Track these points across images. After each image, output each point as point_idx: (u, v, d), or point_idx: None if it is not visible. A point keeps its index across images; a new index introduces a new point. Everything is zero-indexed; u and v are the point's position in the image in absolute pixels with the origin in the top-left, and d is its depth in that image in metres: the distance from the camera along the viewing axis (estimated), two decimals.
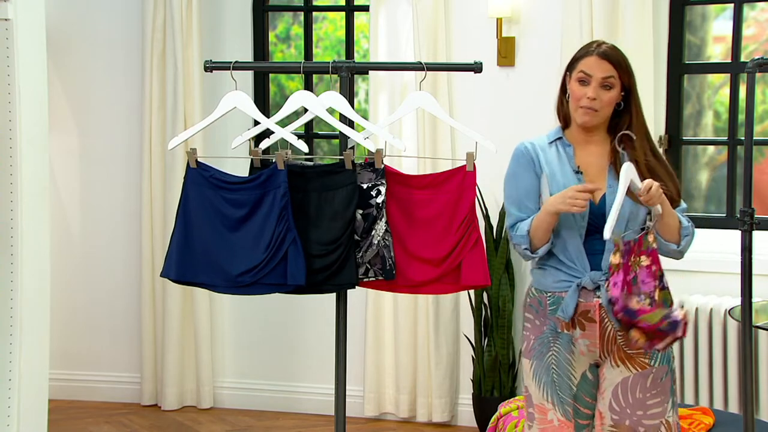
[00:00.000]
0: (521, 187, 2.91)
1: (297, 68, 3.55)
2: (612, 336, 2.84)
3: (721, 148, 4.80)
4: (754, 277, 3.15)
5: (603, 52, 2.85)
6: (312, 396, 5.22)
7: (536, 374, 2.88)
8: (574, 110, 2.89)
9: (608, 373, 2.86)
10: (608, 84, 2.84)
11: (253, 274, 3.24)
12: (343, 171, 3.25)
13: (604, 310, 2.82)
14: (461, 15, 4.91)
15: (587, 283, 2.83)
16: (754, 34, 4.84)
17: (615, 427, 2.86)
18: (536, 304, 2.91)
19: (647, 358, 2.85)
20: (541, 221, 2.83)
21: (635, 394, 2.84)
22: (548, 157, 2.90)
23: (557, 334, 2.86)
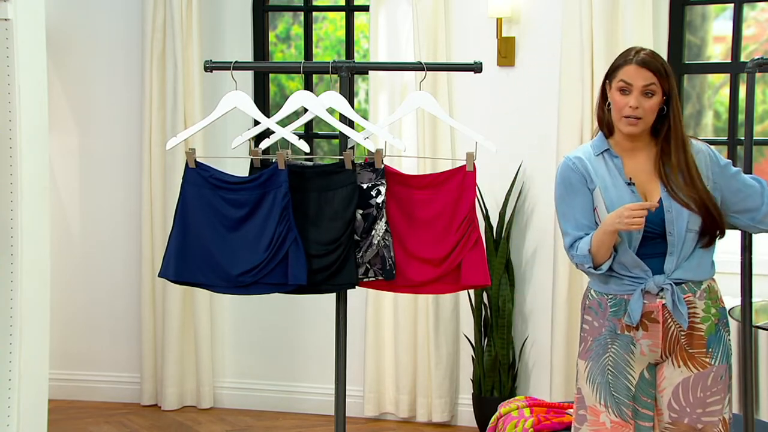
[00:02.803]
0: (575, 205, 2.88)
1: (297, 68, 3.55)
2: (675, 336, 2.84)
3: (721, 148, 4.80)
4: (754, 276, 3.15)
5: (642, 60, 2.82)
6: (312, 396, 5.21)
7: (591, 375, 2.87)
8: (618, 120, 2.86)
9: (668, 373, 2.87)
10: (650, 91, 2.82)
11: (254, 274, 3.24)
12: (343, 171, 3.25)
13: (667, 310, 2.83)
14: (461, 15, 4.90)
15: (651, 288, 2.83)
16: (754, 34, 4.84)
17: (673, 425, 2.87)
18: (596, 305, 2.89)
19: (708, 357, 2.86)
20: (602, 241, 2.80)
21: (696, 394, 2.86)
22: (598, 170, 2.88)
23: (616, 335, 2.86)
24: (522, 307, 4.93)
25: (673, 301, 2.81)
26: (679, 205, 2.82)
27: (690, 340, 2.85)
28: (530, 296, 4.91)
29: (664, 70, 2.83)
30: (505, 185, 4.82)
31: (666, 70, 2.84)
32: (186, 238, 3.27)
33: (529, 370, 4.94)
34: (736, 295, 3.32)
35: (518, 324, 4.92)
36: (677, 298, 2.81)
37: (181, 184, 3.29)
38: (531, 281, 4.90)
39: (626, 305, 2.83)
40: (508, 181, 4.82)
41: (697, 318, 2.85)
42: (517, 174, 4.83)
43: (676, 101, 2.87)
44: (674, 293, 2.81)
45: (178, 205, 3.29)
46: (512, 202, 4.84)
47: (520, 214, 4.89)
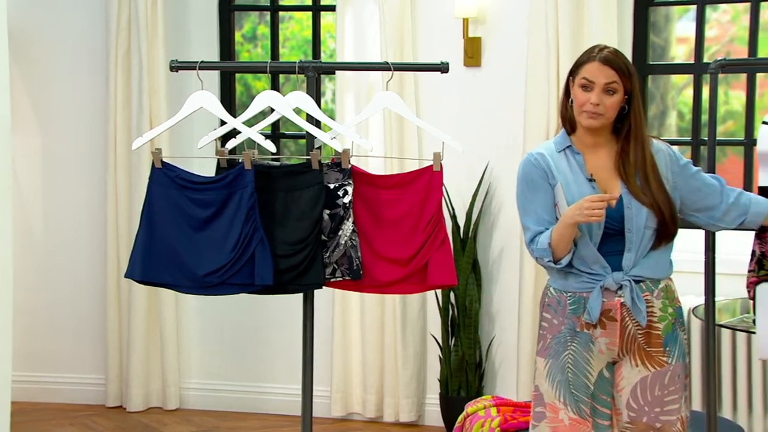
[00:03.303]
0: (536, 200, 2.89)
1: (263, 68, 3.54)
2: (632, 335, 2.86)
3: (685, 148, 4.84)
4: (717, 276, 3.18)
5: (605, 57, 2.84)
6: (279, 396, 5.20)
7: (551, 373, 2.88)
8: (578, 114, 2.88)
9: (626, 372, 2.88)
10: (611, 89, 2.84)
11: (220, 275, 3.23)
12: (310, 171, 3.25)
13: (625, 309, 2.85)
14: (428, 15, 4.91)
15: (610, 285, 2.84)
16: (717, 35, 4.89)
17: (632, 424, 2.89)
18: (555, 303, 2.90)
19: (665, 356, 2.88)
20: (561, 234, 2.82)
21: (654, 392, 2.88)
22: (560, 166, 2.89)
23: (575, 333, 2.87)
24: (489, 306, 4.94)
25: (632, 298, 2.83)
26: (638, 202, 2.85)
27: (647, 339, 2.87)
28: (497, 296, 4.93)
29: (627, 69, 2.85)
30: (472, 185, 4.84)
31: (628, 69, 2.86)
32: (152, 238, 3.26)
33: (495, 369, 4.96)
34: (699, 294, 3.36)
35: (485, 324, 4.94)
36: (636, 295, 2.83)
37: (148, 184, 3.27)
38: (498, 281, 4.92)
39: (585, 303, 2.84)
40: (475, 181, 4.84)
41: (655, 317, 2.87)
42: (484, 174, 4.84)
43: (638, 100, 2.89)
44: (633, 290, 2.83)
45: (144, 206, 3.27)
46: (479, 202, 4.86)
47: (486, 214, 4.91)
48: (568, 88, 2.92)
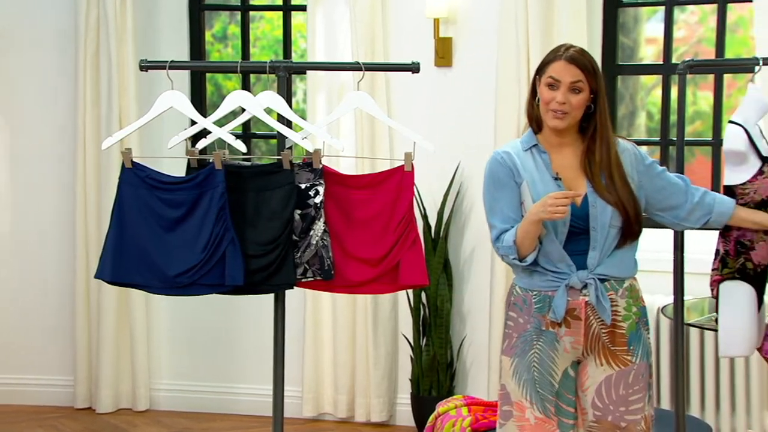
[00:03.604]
0: (502, 198, 2.89)
1: (234, 68, 3.53)
2: (597, 334, 2.88)
3: (654, 149, 4.88)
4: (686, 275, 3.21)
5: (570, 56, 2.86)
6: (250, 397, 5.19)
7: (517, 372, 2.89)
8: (545, 113, 2.89)
9: (591, 371, 2.90)
10: (577, 88, 2.85)
11: (191, 275, 3.23)
12: (281, 171, 3.25)
13: (590, 307, 2.86)
14: (399, 15, 4.92)
15: (575, 283, 2.85)
16: (685, 36, 4.93)
17: (597, 423, 2.90)
18: (521, 302, 2.91)
19: (629, 355, 2.89)
20: (526, 231, 2.82)
21: (618, 391, 2.89)
22: (526, 164, 2.90)
23: (541, 332, 2.88)
24: (460, 306, 4.96)
25: (597, 296, 2.84)
26: (603, 201, 2.87)
27: (612, 338, 2.88)
28: (468, 296, 4.94)
29: (592, 68, 2.87)
30: (444, 185, 4.85)
31: (594, 68, 2.87)
32: (122, 238, 3.24)
33: (466, 369, 4.97)
34: (668, 293, 3.38)
35: (456, 323, 4.95)
36: (601, 294, 2.85)
37: (118, 184, 3.26)
38: (469, 281, 4.93)
39: (551, 301, 2.86)
40: (447, 181, 4.85)
41: (619, 316, 2.89)
42: (455, 174, 4.86)
43: (603, 100, 2.91)
44: (598, 288, 2.85)
45: (114, 206, 3.26)
46: (450, 202, 4.87)
47: (458, 214, 4.92)
48: (535, 87, 2.94)
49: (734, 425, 4.44)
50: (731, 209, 3.00)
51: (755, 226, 3.02)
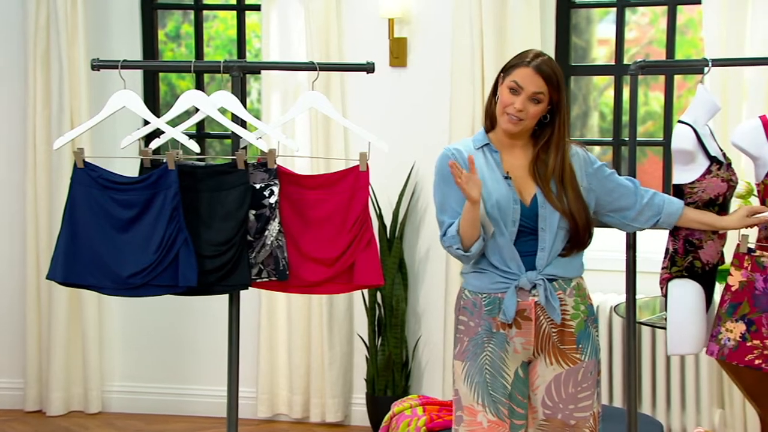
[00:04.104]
0: (451, 195, 2.89)
1: (187, 67, 3.51)
2: (547, 333, 2.89)
3: (607, 149, 4.93)
4: (638, 274, 3.25)
5: (538, 65, 2.85)
6: (204, 398, 5.16)
7: (469, 375, 2.89)
8: (500, 114, 2.90)
9: (541, 371, 2.92)
10: (537, 99, 2.86)
11: (144, 276, 3.21)
12: (236, 171, 3.23)
13: (539, 308, 2.87)
14: (353, 15, 4.92)
15: (524, 284, 2.86)
16: (636, 37, 4.98)
17: (547, 422, 2.92)
18: (471, 305, 2.91)
19: (578, 353, 2.92)
20: (464, 217, 2.82)
21: (567, 389, 2.91)
22: (477, 162, 2.89)
23: (491, 334, 2.88)
24: (415, 306, 4.97)
25: (546, 296, 2.86)
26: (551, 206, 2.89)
27: (561, 337, 2.90)
28: (423, 296, 4.95)
29: (557, 82, 2.86)
30: (399, 185, 4.86)
31: (558, 82, 2.87)
32: (74, 239, 3.21)
33: (422, 369, 4.98)
34: (621, 292, 3.42)
35: (411, 323, 4.96)
36: (550, 293, 2.87)
37: (70, 185, 3.23)
38: (424, 281, 4.95)
39: (500, 303, 2.87)
40: (402, 180, 4.86)
41: (568, 315, 2.91)
42: (410, 174, 4.87)
43: (564, 113, 2.91)
44: (547, 288, 2.86)
45: (66, 206, 3.23)
46: (405, 201, 4.88)
47: (413, 214, 4.93)
48: (497, 85, 2.94)
49: (684, 422, 4.51)
50: (680, 210, 3.03)
51: (703, 227, 3.06)
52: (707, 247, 3.10)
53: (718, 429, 4.46)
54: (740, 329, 3.00)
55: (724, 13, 4.32)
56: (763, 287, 2.99)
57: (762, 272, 2.99)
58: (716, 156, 3.07)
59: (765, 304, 2.98)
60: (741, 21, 4.31)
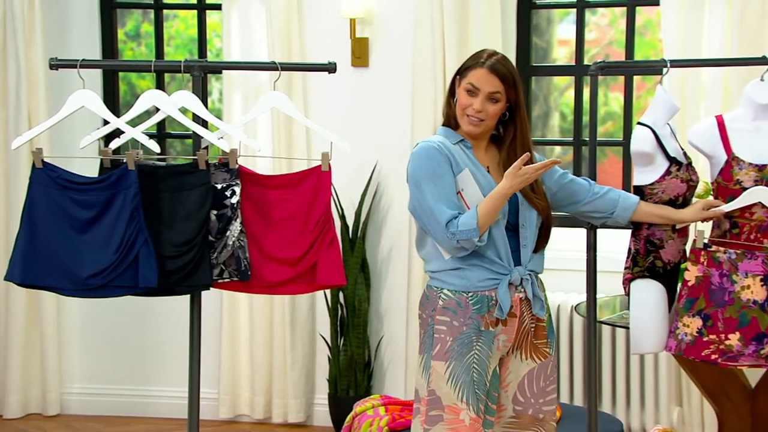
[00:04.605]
0: (445, 184, 2.86)
1: (148, 67, 3.49)
2: (527, 329, 2.93)
3: (567, 149, 4.96)
4: (599, 273, 3.27)
5: (492, 65, 2.87)
6: (165, 400, 5.13)
7: (453, 375, 2.86)
8: (460, 116, 2.92)
9: (514, 366, 2.94)
10: (495, 98, 2.87)
11: (103, 276, 3.19)
12: (197, 171, 3.22)
13: (524, 304, 2.90)
14: (315, 15, 4.91)
15: (515, 279, 2.88)
16: (596, 38, 5.02)
17: (517, 418, 2.95)
18: (454, 305, 2.88)
19: (547, 347, 2.96)
20: (494, 208, 2.80)
21: (539, 384, 2.95)
22: (460, 156, 2.90)
23: (480, 332, 2.87)
24: (378, 306, 4.97)
25: (533, 291, 2.91)
26: (528, 203, 2.92)
27: (536, 332, 2.95)
28: (386, 295, 4.96)
29: (513, 80, 2.89)
30: (361, 185, 4.86)
31: (514, 80, 2.89)
32: (33, 239, 3.19)
33: (384, 368, 4.99)
34: (581, 291, 3.44)
35: (374, 323, 4.97)
36: (535, 288, 2.92)
37: (28, 185, 3.21)
38: (386, 280, 4.95)
39: (488, 301, 2.87)
40: (364, 180, 4.86)
41: (543, 309, 2.96)
42: (373, 173, 4.87)
43: (522, 111, 2.93)
44: (533, 283, 2.91)
45: (24, 206, 3.20)
46: (368, 201, 4.88)
47: (375, 214, 4.93)
48: (454, 87, 2.96)
49: (644, 420, 4.55)
50: (636, 204, 3.08)
51: (660, 220, 3.10)
52: (668, 247, 3.14)
53: (677, 427, 4.51)
54: (697, 324, 3.04)
55: (682, 15, 4.37)
56: (719, 282, 3.03)
57: (718, 267, 3.03)
58: (676, 157, 3.10)
59: (721, 299, 3.02)
60: (698, 22, 4.36)
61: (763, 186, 3.03)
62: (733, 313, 3.01)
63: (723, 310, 3.01)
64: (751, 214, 3.05)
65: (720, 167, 3.10)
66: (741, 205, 3.04)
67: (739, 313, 3.00)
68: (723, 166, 3.08)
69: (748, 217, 3.06)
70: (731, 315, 3.01)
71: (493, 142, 3.00)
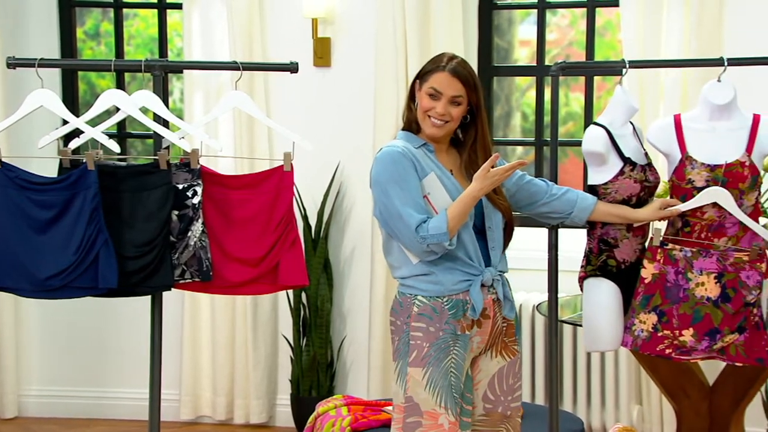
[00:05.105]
0: (412, 188, 2.86)
1: (108, 66, 3.46)
2: (499, 329, 2.95)
3: (529, 149, 4.99)
4: (560, 273, 3.29)
5: (453, 69, 2.88)
6: (125, 401, 5.10)
7: (432, 381, 2.86)
8: (422, 120, 2.92)
9: (484, 365, 2.96)
10: (457, 101, 2.89)
11: (63, 278, 3.17)
12: (158, 171, 3.20)
13: (497, 305, 2.92)
14: (276, 15, 4.90)
15: (487, 280, 2.89)
16: (556, 38, 5.06)
17: (486, 416, 2.97)
18: (430, 311, 2.87)
19: (516, 344, 2.99)
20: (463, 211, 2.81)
21: (508, 381, 2.97)
22: (424, 159, 2.91)
23: (456, 336, 2.87)
24: (340, 306, 4.97)
25: (504, 292, 2.93)
26: (492, 205, 2.93)
27: (507, 331, 2.97)
28: (348, 296, 4.96)
29: (473, 82, 2.91)
30: (324, 185, 4.86)
31: (475, 82, 2.92)
32: None
33: (347, 369, 4.98)
34: (543, 291, 3.46)
35: (336, 323, 4.96)
36: (507, 290, 2.95)
37: None
38: (349, 281, 4.95)
39: (463, 305, 2.88)
40: (327, 180, 4.85)
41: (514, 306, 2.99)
42: (335, 174, 4.87)
43: (483, 113, 2.96)
44: (504, 284, 2.94)
45: None
46: (330, 201, 4.88)
47: (338, 214, 4.93)
48: (414, 91, 2.96)
49: (604, 419, 4.58)
50: (593, 204, 3.11)
51: (618, 220, 3.13)
52: (623, 246, 3.17)
53: (636, 425, 4.55)
54: (652, 320, 3.08)
55: (641, 16, 4.41)
56: (675, 279, 3.07)
57: (674, 265, 3.07)
58: (630, 157, 3.12)
59: (676, 296, 3.07)
60: (657, 24, 4.41)
61: (717, 186, 3.07)
62: (687, 310, 3.05)
63: (678, 307, 3.06)
64: (702, 213, 3.09)
65: (675, 166, 3.13)
66: (697, 205, 3.08)
67: (693, 310, 3.05)
68: (677, 165, 3.12)
69: (699, 216, 3.10)
70: (685, 311, 3.06)
71: (453, 145, 3.01)
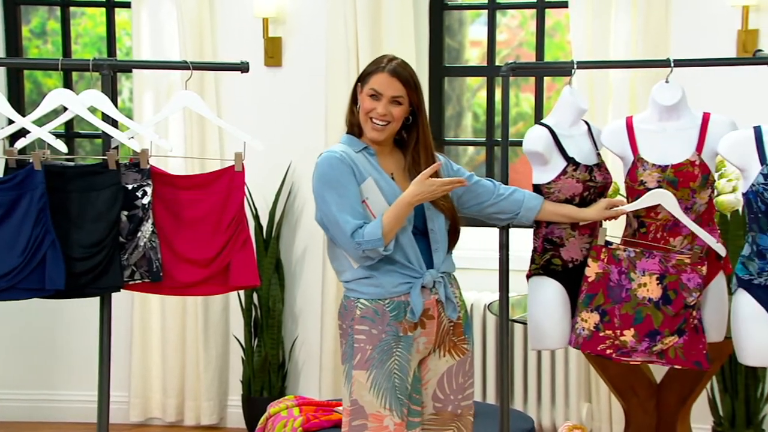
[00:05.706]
0: (349, 194, 2.86)
1: (55, 65, 3.42)
2: (446, 329, 2.95)
3: (480, 149, 5.02)
4: (511, 272, 3.32)
5: (393, 69, 2.90)
6: (74, 404, 5.04)
7: (375, 383, 2.86)
8: (364, 122, 2.93)
9: (433, 364, 2.96)
10: (398, 101, 2.91)
11: (9, 279, 3.13)
12: (106, 171, 3.18)
13: (441, 305, 2.92)
14: (227, 14, 4.87)
15: (428, 282, 2.90)
16: (507, 39, 5.09)
17: (437, 415, 2.98)
18: (372, 314, 2.88)
19: (466, 343, 3.00)
20: (398, 217, 2.81)
21: (458, 380, 2.98)
22: (363, 164, 2.92)
23: (399, 338, 2.88)
24: (292, 306, 4.96)
25: (446, 294, 2.93)
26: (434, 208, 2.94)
27: (455, 330, 2.98)
28: (300, 296, 4.95)
29: (413, 83, 2.93)
30: (275, 185, 4.84)
31: (415, 83, 2.94)
32: None
33: (298, 369, 4.97)
34: (494, 290, 3.48)
35: (288, 324, 4.95)
36: (448, 290, 2.94)
37: None
38: (301, 281, 4.94)
39: (405, 307, 2.89)
40: (278, 180, 4.84)
41: (458, 307, 2.99)
42: (287, 174, 4.85)
43: (424, 114, 2.98)
44: (446, 286, 2.94)
45: None
46: (282, 201, 4.86)
47: (290, 214, 4.92)
48: (356, 94, 2.97)
49: (554, 417, 4.62)
50: (540, 204, 3.13)
51: (565, 219, 3.16)
52: (569, 245, 3.19)
53: (586, 422, 4.60)
54: (594, 319, 3.11)
55: (590, 18, 4.45)
56: (617, 279, 3.10)
57: (617, 265, 3.10)
58: (574, 157, 3.15)
59: (618, 296, 3.10)
60: (605, 25, 4.45)
61: (665, 187, 3.10)
62: (629, 310, 3.08)
63: (620, 307, 3.09)
64: (656, 213, 3.13)
65: (628, 168, 3.16)
66: (641, 206, 3.11)
67: (634, 310, 3.08)
68: (630, 166, 3.15)
69: (653, 216, 3.13)
70: (627, 312, 3.09)
71: (398, 147, 3.02)
